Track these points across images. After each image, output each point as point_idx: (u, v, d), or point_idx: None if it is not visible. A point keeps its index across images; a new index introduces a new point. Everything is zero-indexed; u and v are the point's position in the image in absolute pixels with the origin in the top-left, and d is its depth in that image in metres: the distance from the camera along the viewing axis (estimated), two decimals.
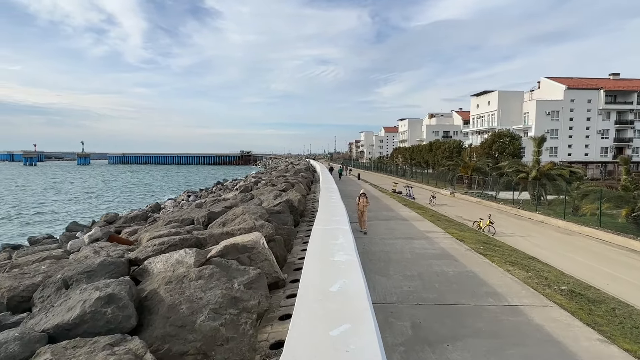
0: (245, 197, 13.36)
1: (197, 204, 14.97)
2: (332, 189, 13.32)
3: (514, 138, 38.68)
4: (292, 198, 13.18)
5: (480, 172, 36.08)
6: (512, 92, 60.12)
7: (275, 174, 28.39)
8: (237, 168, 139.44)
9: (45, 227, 23.91)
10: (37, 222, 26.60)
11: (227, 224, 9.03)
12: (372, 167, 76.33)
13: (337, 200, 9.93)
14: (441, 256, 9.15)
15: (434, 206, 24.96)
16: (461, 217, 20.34)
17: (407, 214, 16.11)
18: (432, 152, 55.86)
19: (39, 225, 25.17)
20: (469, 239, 11.56)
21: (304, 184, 24.44)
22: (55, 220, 27.15)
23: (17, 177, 78.35)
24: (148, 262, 6.10)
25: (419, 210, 17.66)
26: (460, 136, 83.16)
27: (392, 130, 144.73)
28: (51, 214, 30.00)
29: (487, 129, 61.29)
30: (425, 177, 45.23)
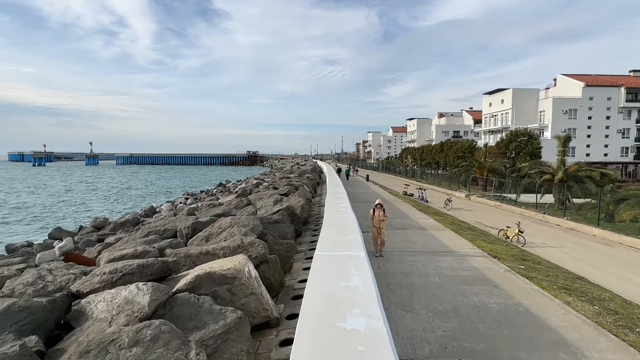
0: (241, 202, 11.71)
1: (189, 210, 13.37)
2: (340, 193, 11.56)
3: (531, 137, 36.53)
4: (294, 204, 11.48)
5: (496, 174, 34.05)
6: (527, 90, 57.72)
7: (279, 175, 26.74)
8: (244, 169, 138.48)
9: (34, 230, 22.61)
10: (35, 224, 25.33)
11: (210, 239, 7.36)
12: (381, 167, 74.36)
13: (346, 209, 8.17)
14: (476, 280, 7.35)
15: (449, 210, 23.07)
16: (482, 224, 18.45)
17: (424, 221, 14.29)
18: (443, 152, 53.82)
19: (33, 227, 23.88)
20: (502, 254, 9.72)
21: (310, 186, 22.73)
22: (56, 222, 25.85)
23: (17, 178, 77.95)
24: (88, 301, 4.47)
25: (437, 217, 15.82)
26: (471, 136, 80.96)
27: (400, 130, 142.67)
28: (50, 216, 28.76)
29: (501, 128, 59.01)
30: (436, 179, 43.21)
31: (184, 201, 24.00)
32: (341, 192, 12.07)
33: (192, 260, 6.21)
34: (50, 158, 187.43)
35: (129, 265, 5.02)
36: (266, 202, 11.95)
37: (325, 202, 10.36)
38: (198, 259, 6.21)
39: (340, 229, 5.98)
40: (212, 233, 7.47)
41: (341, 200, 9.72)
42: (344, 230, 5.85)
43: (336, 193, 11.67)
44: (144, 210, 21.00)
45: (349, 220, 6.72)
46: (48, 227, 23.76)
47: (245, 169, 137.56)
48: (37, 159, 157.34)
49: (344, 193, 11.61)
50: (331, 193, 11.77)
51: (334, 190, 12.67)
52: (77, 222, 23.15)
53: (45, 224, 25.06)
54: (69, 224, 24.04)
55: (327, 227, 6.16)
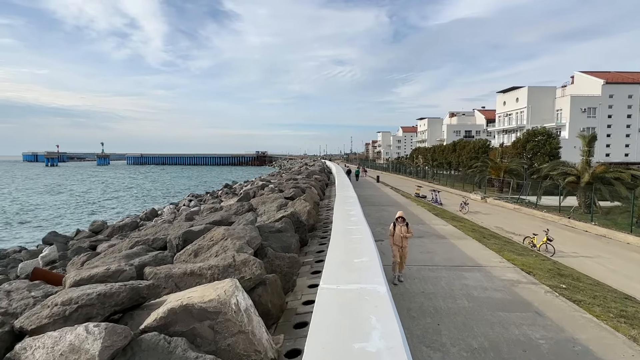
0: (242, 207, 10.69)
1: (188, 215, 12.40)
2: (350, 198, 10.44)
3: (550, 136, 34.85)
4: (299, 210, 10.41)
5: (513, 175, 32.52)
6: (543, 88, 55.79)
7: (285, 177, 25.70)
8: (253, 169, 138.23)
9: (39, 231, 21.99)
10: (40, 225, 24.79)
11: (200, 253, 6.33)
12: (391, 168, 72.96)
13: (358, 218, 7.05)
14: (514, 305, 6.17)
15: (466, 214, 21.76)
16: (502, 229, 17.15)
17: (442, 227, 13.08)
18: (455, 152, 52.22)
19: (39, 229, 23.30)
20: (536, 268, 8.50)
21: (318, 187, 21.64)
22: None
23: (27, 178, 78.52)
24: (24, 347, 3.46)
25: (455, 222, 14.59)
26: (483, 135, 79.23)
27: (411, 130, 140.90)
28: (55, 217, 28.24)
29: (515, 128, 57.19)
30: (449, 180, 41.74)
31: (187, 203, 23.13)
32: (351, 196, 10.94)
33: (174, 282, 5.18)
34: (63, 158, 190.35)
35: (86, 294, 4.00)
36: (269, 207, 10.90)
37: (334, 208, 9.25)
38: (181, 281, 5.19)
39: (352, 247, 4.87)
40: (202, 247, 6.44)
41: (352, 207, 8.61)
42: (356, 249, 4.75)
43: (346, 198, 10.55)
44: (145, 213, 20.16)
45: (362, 233, 5.61)
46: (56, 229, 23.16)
47: (254, 169, 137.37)
48: (49, 160, 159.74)
49: (354, 197, 10.49)
50: (340, 198, 10.65)
51: (343, 194, 11.55)
52: (60, 228, 22.36)
53: (54, 225, 24.51)
54: (80, 225, 23.35)
55: (336, 244, 5.05)
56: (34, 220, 27.38)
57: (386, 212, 16.59)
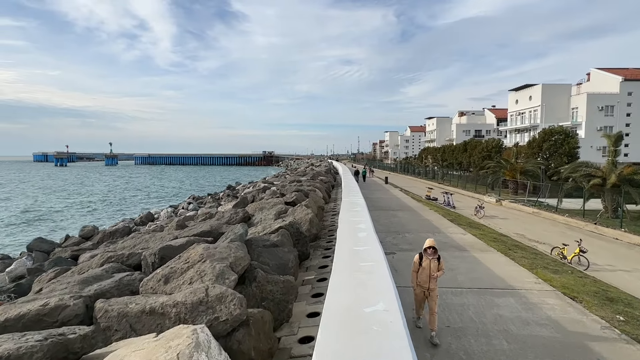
0: (235, 215, 9.49)
1: (179, 222, 11.23)
2: (358, 205, 9.15)
3: (568, 136, 33.13)
4: (300, 218, 9.20)
5: (529, 176, 30.90)
6: (558, 86, 53.81)
7: (289, 178, 24.50)
8: (259, 169, 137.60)
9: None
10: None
11: (171, 279, 5.12)
12: (399, 168, 71.38)
13: (368, 236, 5.76)
14: (567, 348, 4.85)
15: (481, 219, 20.32)
16: (524, 237, 15.72)
17: (461, 237, 11.74)
18: (466, 152, 50.53)
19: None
20: (578, 290, 7.14)
21: (323, 190, 20.41)
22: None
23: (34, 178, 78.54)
24: None
25: (474, 230, 13.22)
26: (494, 135, 77.35)
27: (419, 130, 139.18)
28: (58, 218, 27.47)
29: (529, 127, 55.32)
30: (460, 181, 40.15)
31: (186, 206, 22.05)
32: (359, 202, 9.66)
33: (128, 324, 3.99)
34: (72, 158, 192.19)
35: None
36: (266, 215, 9.69)
37: (339, 218, 7.98)
38: (138, 322, 3.99)
39: (362, 279, 3.61)
40: (175, 270, 5.24)
41: (360, 217, 7.35)
42: (367, 282, 3.48)
43: (353, 205, 9.28)
44: (141, 217, 19.08)
45: (374, 259, 4.35)
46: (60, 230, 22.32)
47: (260, 169, 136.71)
48: (58, 160, 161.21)
49: (362, 204, 9.21)
50: (347, 204, 9.37)
51: (350, 199, 10.27)
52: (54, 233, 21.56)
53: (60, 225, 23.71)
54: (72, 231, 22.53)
55: (339, 277, 3.79)
56: (46, 220, 26.62)
57: (396, 217, 15.28)
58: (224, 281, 4.80)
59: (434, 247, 5.41)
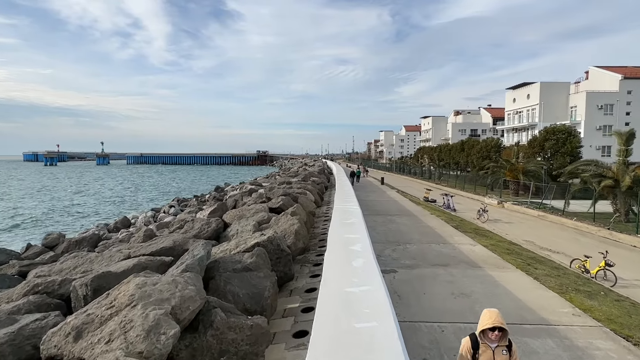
0: (207, 226, 7.94)
1: (147, 232, 9.61)
2: (352, 215, 7.60)
3: (571, 134, 31.96)
4: (283, 230, 7.69)
5: (530, 176, 29.66)
6: (557, 84, 52.75)
7: (279, 179, 22.91)
8: (253, 169, 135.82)
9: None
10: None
11: (84, 333, 3.55)
12: (394, 168, 70.09)
13: (366, 265, 4.25)
14: None
15: (485, 223, 18.97)
16: (533, 244, 14.37)
17: (470, 248, 10.29)
18: (464, 152, 49.39)
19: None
20: (630, 326, 5.71)
21: (315, 192, 18.89)
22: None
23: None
24: None
25: (483, 239, 11.79)
26: (490, 134, 76.61)
27: (414, 129, 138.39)
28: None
29: (527, 126, 54.26)
30: (459, 181, 38.88)
31: (168, 210, 20.38)
32: (354, 211, 8.14)
33: None
34: (63, 158, 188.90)
35: None
36: (244, 225, 8.15)
37: (329, 232, 6.47)
38: None
39: (356, 340, 2.10)
40: (92, 319, 3.71)
41: (355, 232, 5.84)
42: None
43: (347, 214, 7.76)
44: (116, 222, 17.39)
45: (376, 310, 2.86)
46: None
47: (254, 169, 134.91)
48: (48, 159, 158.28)
49: (358, 214, 7.68)
50: (340, 213, 7.83)
51: (344, 207, 8.72)
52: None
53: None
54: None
55: (323, 349, 2.27)
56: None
57: (394, 224, 13.80)
58: (157, 338, 3.29)
59: (503, 326, 3.02)
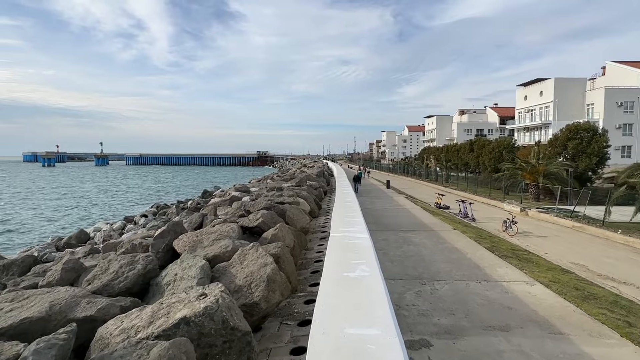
0: (130, 267, 5.01)
1: (68, 266, 6.62)
2: (359, 255, 4.62)
3: (596, 133, 28.86)
4: (248, 276, 4.72)
5: (552, 179, 26.61)
6: (572, 80, 49.60)
7: (270, 184, 19.85)
8: (252, 169, 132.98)
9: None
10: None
11: None
12: (397, 169, 66.97)
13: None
14: None
15: (514, 236, 15.94)
16: (585, 269, 11.32)
17: (524, 289, 7.22)
18: (473, 152, 46.24)
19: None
20: None
21: (311, 199, 15.88)
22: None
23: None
24: None
25: (535, 269, 8.72)
26: (497, 134, 73.69)
27: (417, 130, 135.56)
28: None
29: (540, 125, 51.12)
30: (470, 184, 35.79)
31: (138, 220, 17.37)
32: (361, 245, 5.12)
33: None
34: (63, 158, 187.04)
35: None
36: (186, 268, 5.14)
37: (318, 294, 3.39)
38: None
39: None
40: None
41: (367, 293, 2.83)
42: None
43: (350, 250, 4.74)
44: (71, 238, 14.27)
45: None
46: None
47: (254, 169, 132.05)
48: (46, 160, 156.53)
49: (368, 250, 4.66)
50: (338, 252, 4.82)
51: (345, 236, 5.66)
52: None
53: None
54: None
55: None
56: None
57: (411, 244, 10.74)
58: None
59: None
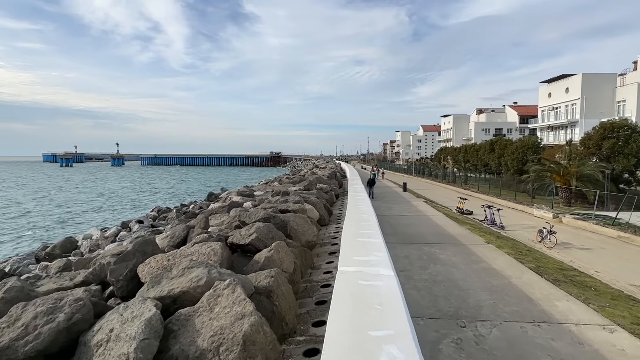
0: (49, 320, 3.42)
1: (5, 297, 5.25)
2: (377, 293, 2.99)
3: (635, 131, 26.32)
4: (217, 334, 3.19)
5: (586, 182, 24.28)
6: (601, 75, 46.54)
7: (277, 187, 18.19)
8: (265, 170, 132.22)
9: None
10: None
11: None
12: (413, 170, 64.58)
13: None
14: None
15: (552, 249, 13.95)
16: None
17: (604, 338, 5.42)
18: (494, 152, 43.82)
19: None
20: None
21: (321, 205, 14.21)
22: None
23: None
24: None
25: (591, 295, 6.87)
26: (516, 134, 70.75)
27: (432, 129, 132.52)
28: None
29: (566, 123, 48.21)
30: (492, 187, 33.48)
31: (133, 226, 16.02)
32: (383, 277, 3.48)
33: None
34: (81, 159, 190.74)
35: None
36: (127, 324, 3.59)
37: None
38: None
39: None
40: None
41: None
42: None
43: (367, 294, 3.10)
44: (54, 247, 12.95)
45: None
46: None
47: (266, 170, 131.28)
48: (64, 160, 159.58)
49: (393, 289, 3.02)
50: (346, 292, 3.18)
51: (360, 270, 4.04)
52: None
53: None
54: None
55: None
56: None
57: (439, 263, 8.93)
58: None
59: None
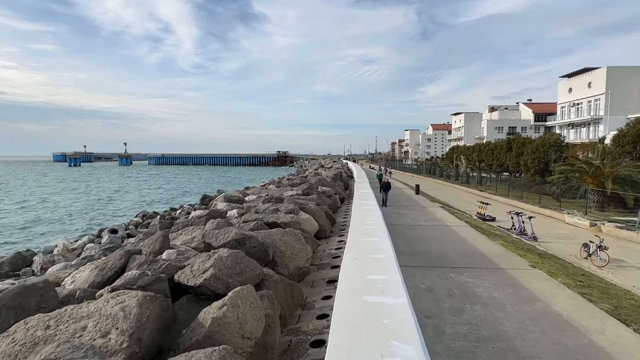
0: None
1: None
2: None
3: None
4: None
5: (622, 184, 21.62)
6: (627, 69, 43.36)
7: (272, 191, 16.01)
8: (271, 169, 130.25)
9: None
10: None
11: None
12: (423, 170, 61.79)
13: None
14: None
15: (603, 269, 11.47)
16: None
17: None
18: (512, 151, 41.06)
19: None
20: None
21: (321, 214, 11.95)
22: None
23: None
24: None
25: None
26: (531, 132, 67.63)
27: (442, 128, 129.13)
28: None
29: (589, 120, 45.14)
30: (513, 189, 30.79)
31: (104, 236, 13.92)
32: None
33: None
34: (90, 158, 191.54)
35: None
36: None
37: None
38: None
39: None
40: None
41: None
42: None
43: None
44: (2, 264, 10.90)
45: None
46: None
47: (273, 169, 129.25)
48: (72, 160, 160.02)
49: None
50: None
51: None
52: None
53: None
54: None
55: None
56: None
57: (477, 303, 6.54)
58: None
59: None
